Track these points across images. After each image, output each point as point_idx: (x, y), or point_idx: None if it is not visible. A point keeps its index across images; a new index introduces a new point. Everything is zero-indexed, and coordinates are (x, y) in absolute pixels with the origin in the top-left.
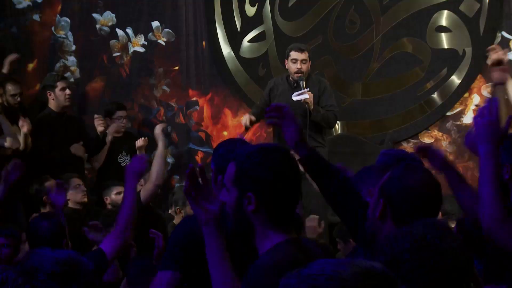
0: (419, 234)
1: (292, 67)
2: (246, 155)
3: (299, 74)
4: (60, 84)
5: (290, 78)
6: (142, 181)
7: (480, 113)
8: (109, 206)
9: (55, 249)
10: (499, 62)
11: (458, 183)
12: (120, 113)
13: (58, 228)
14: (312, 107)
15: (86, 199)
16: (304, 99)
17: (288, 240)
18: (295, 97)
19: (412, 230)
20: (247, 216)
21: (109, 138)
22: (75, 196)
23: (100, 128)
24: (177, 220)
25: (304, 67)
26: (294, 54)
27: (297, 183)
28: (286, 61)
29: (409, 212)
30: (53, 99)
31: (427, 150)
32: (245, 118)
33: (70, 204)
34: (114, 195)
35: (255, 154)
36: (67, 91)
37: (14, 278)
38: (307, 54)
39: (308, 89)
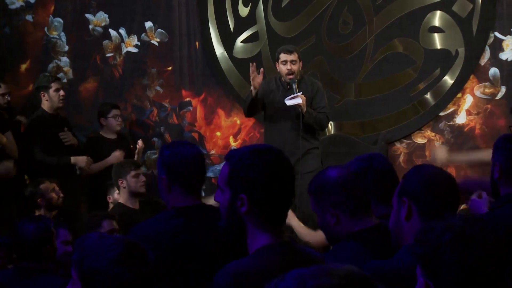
0: (459, 227)
1: (283, 69)
2: (239, 156)
3: (291, 76)
4: (54, 85)
5: (282, 79)
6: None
7: None
8: (111, 205)
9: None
10: None
11: None
12: (115, 111)
13: (43, 232)
14: (304, 110)
15: (61, 203)
16: (297, 103)
17: (272, 244)
18: (288, 102)
19: (450, 222)
20: (240, 217)
21: (112, 160)
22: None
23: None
24: None
25: (295, 68)
26: (283, 56)
27: (290, 184)
28: (276, 64)
29: (435, 203)
30: (46, 100)
31: None
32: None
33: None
34: (117, 195)
35: (248, 155)
36: (61, 92)
37: None
38: (296, 55)
39: (301, 92)
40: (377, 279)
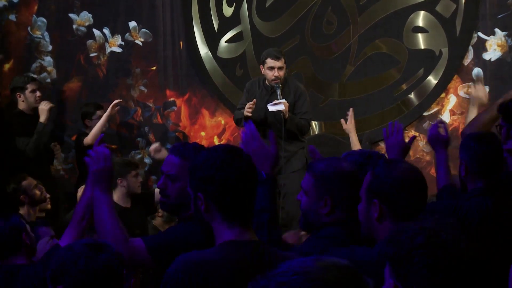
0: (433, 231)
1: (269, 74)
2: (194, 157)
3: (277, 81)
4: (30, 86)
5: (267, 82)
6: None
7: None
8: None
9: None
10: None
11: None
12: (100, 112)
13: (15, 229)
14: (287, 116)
15: (49, 206)
16: (280, 110)
17: (236, 241)
18: (270, 108)
19: (424, 225)
20: (204, 216)
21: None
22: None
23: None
24: (156, 222)
25: (281, 74)
26: (270, 62)
27: (246, 181)
28: (262, 67)
29: (407, 204)
30: (22, 101)
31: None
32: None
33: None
34: None
35: (201, 155)
36: (37, 93)
37: None
38: (283, 61)
39: (284, 100)
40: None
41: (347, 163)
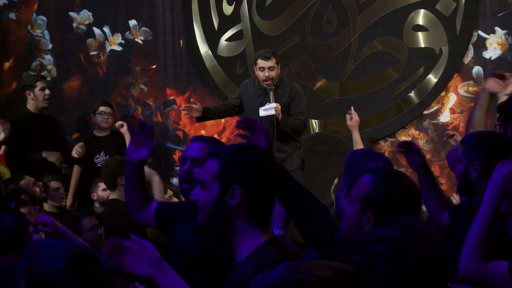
0: (395, 238)
1: (260, 74)
2: (230, 151)
3: (268, 82)
4: (39, 84)
5: (260, 83)
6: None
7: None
8: (96, 203)
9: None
10: (502, 76)
11: (429, 186)
12: (102, 108)
13: (22, 222)
14: (280, 118)
15: (64, 203)
16: (271, 114)
17: (268, 241)
18: (261, 113)
19: (388, 232)
20: (228, 211)
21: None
22: (53, 199)
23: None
24: None
25: (273, 74)
26: (260, 62)
27: (275, 181)
28: (254, 68)
29: (400, 215)
30: (32, 99)
31: (410, 147)
32: (190, 109)
33: (47, 207)
34: (101, 191)
35: (240, 150)
36: (47, 91)
37: None
38: (274, 61)
39: (274, 105)
40: None
41: None
